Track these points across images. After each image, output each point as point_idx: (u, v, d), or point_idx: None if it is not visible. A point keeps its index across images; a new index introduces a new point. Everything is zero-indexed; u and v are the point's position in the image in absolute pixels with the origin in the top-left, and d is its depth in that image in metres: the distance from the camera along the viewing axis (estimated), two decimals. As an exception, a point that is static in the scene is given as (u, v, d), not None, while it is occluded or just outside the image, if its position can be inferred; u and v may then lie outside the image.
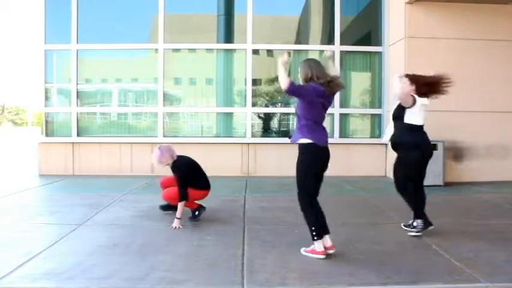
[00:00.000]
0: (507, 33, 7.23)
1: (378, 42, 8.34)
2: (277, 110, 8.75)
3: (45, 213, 5.00)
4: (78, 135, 8.27)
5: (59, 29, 8.24)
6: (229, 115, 8.59)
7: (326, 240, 3.41)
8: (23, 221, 4.49)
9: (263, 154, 8.16)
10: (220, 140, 8.28)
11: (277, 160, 7.84)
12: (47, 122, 8.39)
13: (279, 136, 8.56)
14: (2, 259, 3.26)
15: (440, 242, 3.71)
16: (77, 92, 8.30)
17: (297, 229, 4.03)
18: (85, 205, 5.23)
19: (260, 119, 8.68)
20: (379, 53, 8.33)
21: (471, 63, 7.19)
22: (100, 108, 8.60)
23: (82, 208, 5.07)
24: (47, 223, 4.51)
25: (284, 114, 8.71)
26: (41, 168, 8.21)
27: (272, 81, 8.56)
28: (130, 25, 8.42)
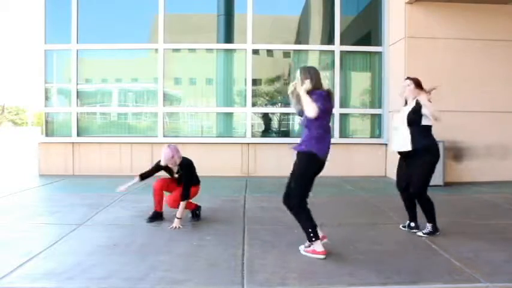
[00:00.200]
0: (507, 33, 7.23)
1: (378, 42, 8.34)
2: (277, 110, 8.75)
3: (45, 213, 4.99)
4: (78, 135, 8.28)
5: (59, 29, 8.25)
6: (229, 115, 8.59)
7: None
8: (23, 221, 4.49)
9: (263, 154, 8.17)
10: (220, 140, 8.28)
11: (277, 160, 7.84)
12: (47, 122, 8.40)
13: (279, 136, 8.57)
14: (2, 259, 3.26)
15: (440, 242, 3.71)
16: (77, 92, 8.31)
17: (297, 229, 3.97)
18: (85, 205, 5.23)
19: (260, 119, 8.69)
20: (379, 53, 8.34)
21: (471, 63, 7.19)
22: (100, 108, 8.61)
23: (82, 208, 5.07)
24: (47, 223, 4.51)
25: (284, 114, 8.71)
26: (41, 168, 8.22)
27: (272, 81, 8.57)
28: (130, 25, 8.43)
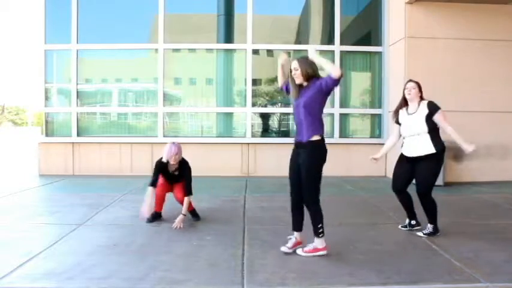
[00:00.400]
0: (507, 33, 7.23)
1: (378, 42, 8.34)
2: (277, 110, 8.75)
3: (45, 213, 4.99)
4: (78, 135, 8.28)
5: (59, 29, 8.24)
6: (229, 115, 8.59)
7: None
8: (23, 221, 4.49)
9: (263, 154, 8.16)
10: (220, 140, 8.28)
11: (277, 160, 7.83)
12: (47, 122, 8.40)
13: (279, 136, 8.57)
14: (2, 259, 3.26)
15: (440, 242, 3.71)
16: (77, 92, 8.31)
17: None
18: (85, 205, 5.23)
19: (260, 119, 8.69)
20: (379, 53, 8.34)
21: (471, 63, 7.19)
22: (100, 108, 8.61)
23: (82, 208, 5.07)
24: (47, 223, 4.51)
25: (284, 114, 8.70)
26: (41, 168, 8.22)
27: (272, 81, 8.56)
28: (130, 25, 8.42)
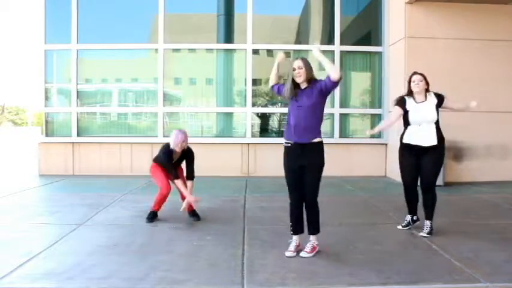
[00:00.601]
0: (507, 33, 7.22)
1: (378, 42, 8.34)
2: (277, 110, 8.75)
3: (45, 213, 5.00)
4: (78, 135, 8.27)
5: (59, 29, 8.24)
6: (229, 115, 8.59)
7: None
8: (23, 221, 4.49)
9: (263, 154, 8.16)
10: (220, 140, 8.27)
11: (277, 160, 7.69)
12: (47, 122, 8.39)
13: (279, 136, 8.54)
14: (2, 259, 3.26)
15: (440, 242, 3.71)
16: (77, 92, 8.30)
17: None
18: (85, 205, 5.23)
19: (260, 119, 8.68)
20: (379, 53, 8.33)
21: (471, 63, 7.19)
22: (100, 108, 8.60)
23: (82, 208, 5.07)
24: (47, 223, 4.52)
25: (284, 114, 8.70)
26: (41, 168, 8.21)
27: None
28: (130, 25, 8.42)
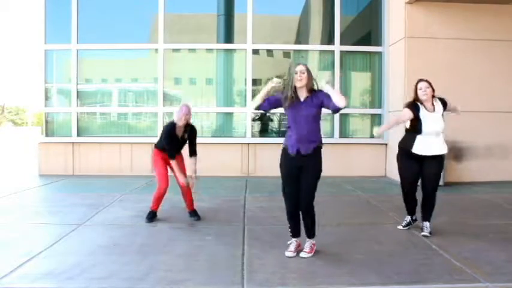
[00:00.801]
0: (507, 33, 7.22)
1: (378, 42, 8.33)
2: (277, 110, 8.70)
3: (45, 213, 5.00)
4: (78, 135, 8.27)
5: (59, 29, 8.24)
6: (229, 115, 8.59)
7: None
8: (23, 221, 4.49)
9: (263, 154, 8.15)
10: (220, 140, 8.27)
11: (277, 160, 7.67)
12: (47, 122, 8.39)
13: (279, 136, 8.54)
14: (2, 259, 3.26)
15: (440, 242, 3.71)
16: (77, 92, 8.30)
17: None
18: (85, 205, 5.23)
19: (260, 119, 8.68)
20: (379, 53, 8.33)
21: (471, 63, 7.18)
22: (100, 108, 8.60)
23: (82, 208, 5.07)
24: (47, 223, 4.52)
25: (284, 114, 8.67)
26: (41, 168, 8.21)
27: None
28: (130, 25, 8.42)
